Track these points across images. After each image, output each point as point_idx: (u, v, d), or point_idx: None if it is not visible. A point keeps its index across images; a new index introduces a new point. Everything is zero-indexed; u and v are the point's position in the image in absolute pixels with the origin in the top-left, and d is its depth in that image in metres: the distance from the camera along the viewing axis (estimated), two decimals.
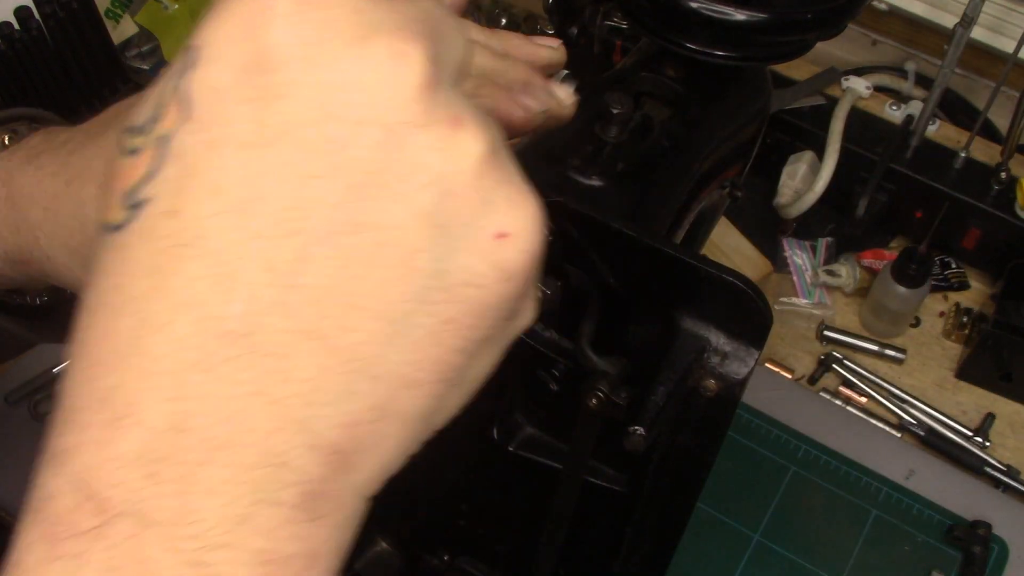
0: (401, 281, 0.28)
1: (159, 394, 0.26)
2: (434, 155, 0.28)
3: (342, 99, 0.27)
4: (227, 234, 0.27)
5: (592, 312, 0.55)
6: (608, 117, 0.58)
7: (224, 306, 0.27)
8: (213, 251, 0.27)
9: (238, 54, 0.27)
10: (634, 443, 0.48)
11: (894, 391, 0.98)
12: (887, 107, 1.05)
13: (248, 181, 0.27)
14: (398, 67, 0.27)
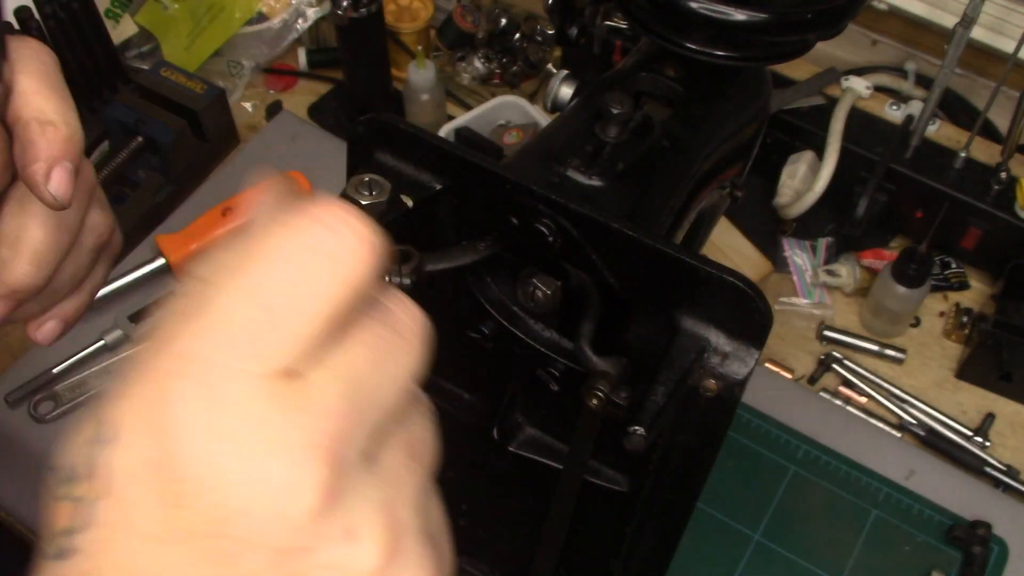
0: None
1: None
2: (325, 572, 0.30)
3: (238, 524, 0.29)
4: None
5: (592, 312, 0.55)
6: (608, 117, 0.58)
7: None
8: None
9: (147, 446, 0.29)
10: (634, 443, 0.48)
11: (894, 391, 0.98)
12: (887, 107, 1.05)
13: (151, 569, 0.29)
14: (291, 493, 0.29)
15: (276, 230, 0.30)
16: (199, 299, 0.30)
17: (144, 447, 0.29)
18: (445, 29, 1.16)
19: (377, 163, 0.55)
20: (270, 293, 0.30)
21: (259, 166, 1.10)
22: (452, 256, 0.54)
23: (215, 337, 0.29)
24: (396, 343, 0.32)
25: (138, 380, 0.30)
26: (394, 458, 0.33)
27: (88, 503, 0.30)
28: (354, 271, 0.30)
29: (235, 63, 1.20)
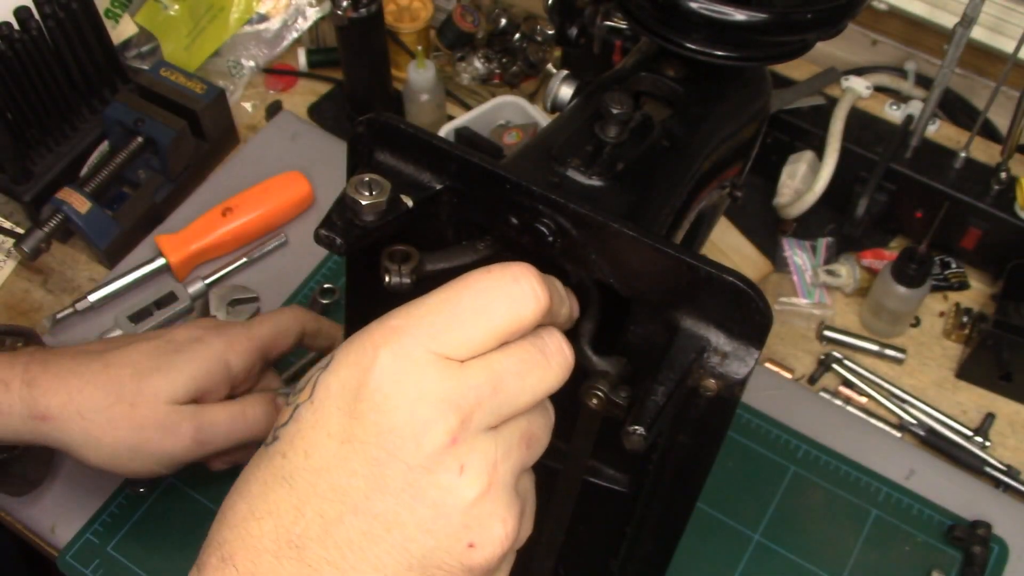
0: (398, 554, 0.44)
1: (246, 554, 0.44)
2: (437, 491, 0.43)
3: (390, 437, 0.43)
4: (304, 483, 0.44)
5: (592, 312, 0.55)
6: (608, 117, 0.58)
7: (292, 525, 0.44)
8: (295, 489, 0.44)
9: (348, 375, 0.44)
10: (634, 443, 0.48)
11: (894, 391, 0.98)
12: (887, 107, 1.05)
13: (323, 457, 0.44)
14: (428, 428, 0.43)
15: (484, 271, 0.46)
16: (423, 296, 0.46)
17: (346, 375, 0.44)
18: (445, 29, 1.16)
19: (377, 163, 0.55)
20: (462, 306, 0.45)
21: (259, 166, 1.10)
22: (452, 256, 0.54)
23: (417, 322, 0.44)
24: (540, 363, 0.46)
25: (360, 335, 0.45)
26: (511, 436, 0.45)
27: (296, 407, 0.45)
28: (523, 312, 0.45)
29: (235, 63, 1.20)
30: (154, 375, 0.75)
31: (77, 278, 1.06)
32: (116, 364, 0.76)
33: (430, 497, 0.43)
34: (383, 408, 0.43)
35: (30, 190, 1.05)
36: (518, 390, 0.45)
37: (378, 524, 0.44)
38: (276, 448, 0.45)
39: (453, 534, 0.44)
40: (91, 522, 0.87)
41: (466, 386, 0.44)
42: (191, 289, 1.01)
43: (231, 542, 0.45)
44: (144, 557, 0.85)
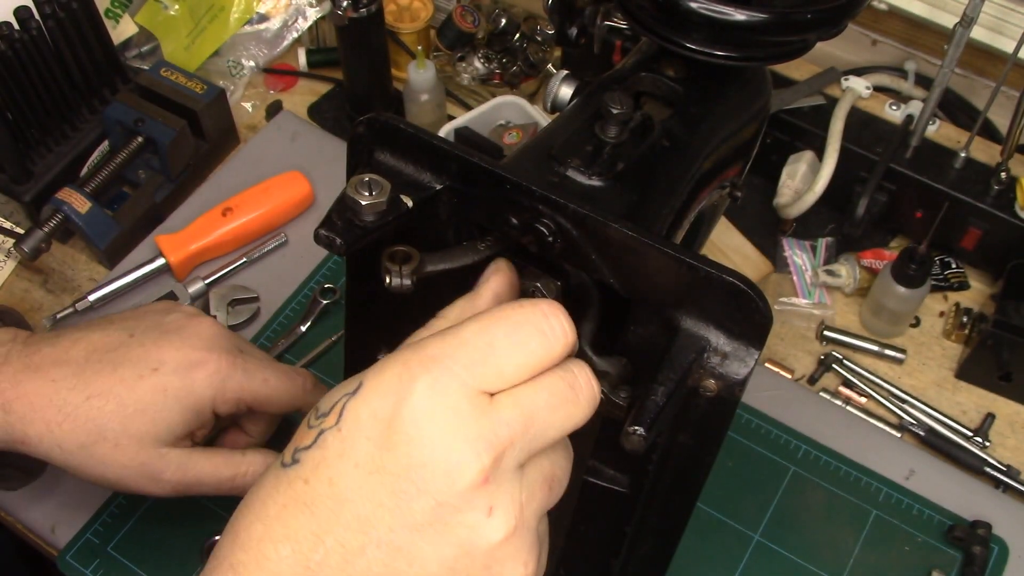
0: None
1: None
2: (464, 531, 0.43)
3: (421, 472, 0.43)
4: (326, 511, 0.43)
5: (592, 312, 0.55)
6: (608, 117, 0.58)
7: (311, 552, 0.43)
8: (316, 516, 0.44)
9: (380, 404, 0.43)
10: (634, 443, 0.48)
11: (894, 391, 0.98)
12: (887, 107, 1.05)
13: (348, 487, 0.43)
14: (461, 465, 0.42)
15: (517, 305, 0.46)
16: (457, 324, 0.46)
17: (379, 405, 0.43)
18: (445, 29, 1.16)
19: (377, 163, 0.55)
20: (497, 339, 0.45)
21: (259, 166, 1.10)
22: (453, 257, 0.54)
23: (454, 352, 0.44)
24: (569, 399, 0.46)
25: (393, 362, 0.44)
26: (536, 478, 0.46)
27: (322, 432, 0.44)
28: (554, 347, 0.45)
29: (235, 63, 1.20)
30: (139, 417, 0.71)
31: (77, 278, 1.06)
32: (98, 396, 0.71)
33: (456, 536, 0.43)
34: (416, 441, 0.43)
35: (30, 190, 1.05)
36: (547, 426, 0.45)
37: (400, 558, 0.43)
38: (297, 472, 0.45)
39: (475, 574, 0.44)
40: (91, 522, 0.87)
41: (500, 423, 0.43)
42: (191, 289, 1.01)
43: (245, 564, 0.44)
44: (144, 557, 0.85)
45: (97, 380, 0.71)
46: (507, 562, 0.44)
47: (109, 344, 0.74)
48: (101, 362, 0.73)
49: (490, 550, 0.44)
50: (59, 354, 0.73)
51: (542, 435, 0.45)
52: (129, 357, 0.73)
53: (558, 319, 0.46)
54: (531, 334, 0.45)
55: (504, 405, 0.44)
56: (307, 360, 0.97)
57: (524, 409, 0.44)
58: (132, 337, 0.75)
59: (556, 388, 0.45)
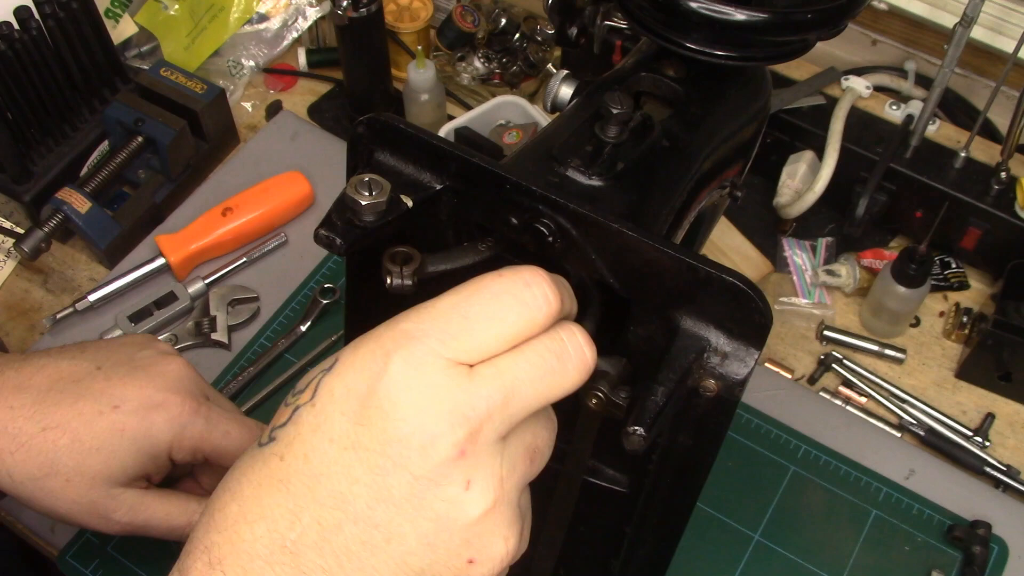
0: (396, 566, 0.43)
1: (236, 559, 0.43)
2: (441, 505, 0.42)
3: (397, 447, 0.42)
4: (302, 487, 0.43)
5: (592, 312, 0.55)
6: (608, 117, 0.58)
7: (288, 531, 0.42)
8: (292, 494, 0.43)
9: (354, 379, 0.43)
10: (634, 443, 0.48)
11: (894, 391, 0.98)
12: (887, 107, 1.05)
13: (323, 462, 0.43)
14: (436, 440, 0.42)
15: (495, 275, 0.45)
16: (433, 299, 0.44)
17: (353, 379, 0.43)
18: (445, 29, 1.16)
19: (377, 163, 0.55)
20: (473, 310, 0.43)
21: (259, 166, 1.10)
22: (454, 257, 0.54)
23: (428, 326, 0.43)
24: (554, 368, 0.44)
25: (368, 338, 0.44)
26: (517, 450, 0.45)
27: (297, 408, 0.44)
28: (535, 316, 0.44)
29: (235, 63, 1.20)
30: (94, 455, 0.69)
31: (77, 278, 1.06)
32: (54, 428, 0.68)
33: (434, 510, 0.42)
34: (392, 416, 0.42)
35: (30, 190, 1.05)
36: (529, 397, 0.44)
37: (378, 534, 0.42)
38: (272, 449, 0.44)
39: (454, 549, 0.43)
40: None
41: (477, 396, 0.42)
42: (191, 289, 1.01)
43: (220, 545, 0.43)
44: (144, 557, 0.85)
45: (56, 412, 0.69)
46: (487, 536, 0.43)
47: (75, 374, 0.72)
48: (63, 392, 0.70)
49: (469, 524, 0.43)
50: (22, 380, 0.71)
51: (523, 406, 0.44)
52: (92, 390, 0.71)
53: (540, 287, 0.44)
54: (510, 304, 0.44)
55: (483, 377, 0.43)
56: (307, 360, 0.97)
57: (504, 380, 0.43)
58: (99, 370, 0.72)
59: (540, 358, 0.44)
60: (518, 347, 0.44)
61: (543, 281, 0.45)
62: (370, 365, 0.43)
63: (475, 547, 0.43)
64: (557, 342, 0.45)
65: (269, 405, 0.95)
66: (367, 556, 0.43)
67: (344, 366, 0.44)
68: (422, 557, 0.43)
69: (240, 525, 0.43)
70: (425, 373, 0.42)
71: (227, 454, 0.74)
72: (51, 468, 0.68)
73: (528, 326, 0.44)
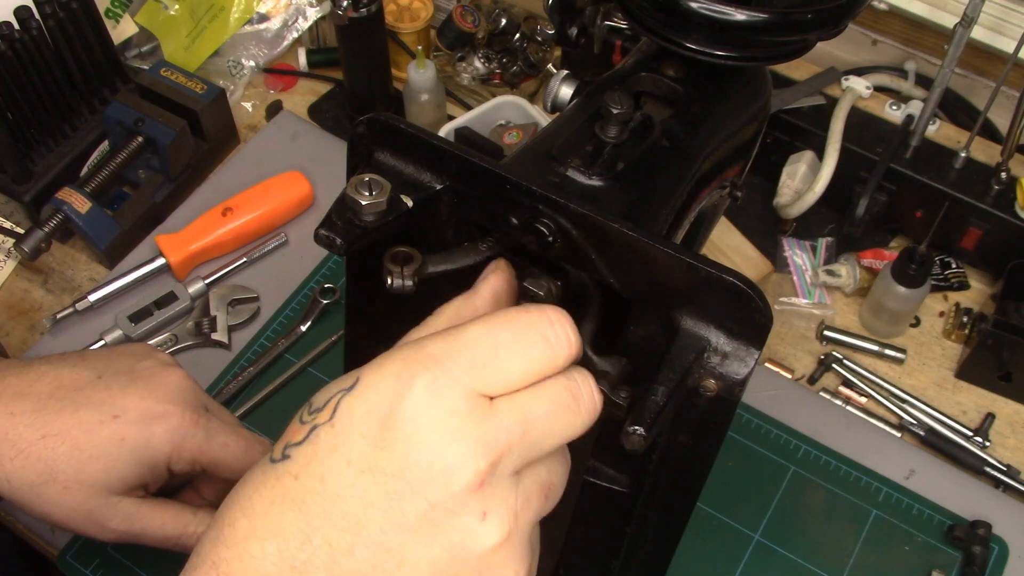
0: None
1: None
2: (456, 534, 0.42)
3: (416, 472, 0.42)
4: (316, 508, 0.42)
5: (592, 312, 0.55)
6: (608, 117, 0.58)
7: (298, 551, 0.42)
8: (304, 514, 0.42)
9: (377, 401, 0.42)
10: (634, 443, 0.48)
11: (894, 391, 0.98)
12: (887, 107, 1.05)
13: (339, 485, 0.42)
14: (457, 468, 0.41)
15: (522, 309, 0.45)
16: (460, 324, 0.45)
17: (375, 401, 0.42)
18: (445, 29, 1.16)
19: (377, 163, 0.55)
20: (501, 343, 0.44)
21: (259, 166, 1.10)
22: (454, 258, 0.54)
23: (456, 353, 0.43)
24: (570, 408, 0.45)
25: (392, 359, 0.43)
26: (532, 485, 0.45)
27: (314, 428, 0.43)
28: (557, 355, 0.45)
29: (235, 63, 1.20)
30: (93, 464, 0.69)
31: (77, 278, 1.06)
32: (54, 435, 0.69)
33: (449, 539, 0.42)
34: (412, 441, 0.42)
35: (30, 190, 1.05)
36: (546, 434, 0.44)
37: (390, 559, 0.42)
38: (287, 468, 0.43)
39: None
40: None
41: (498, 428, 0.42)
42: (191, 289, 1.01)
43: (229, 561, 0.43)
44: (144, 557, 0.85)
45: (56, 420, 0.70)
46: (499, 568, 0.43)
47: (76, 383, 0.72)
48: (63, 400, 0.71)
49: (482, 555, 0.43)
50: (23, 386, 0.71)
51: (540, 443, 0.44)
52: (92, 399, 0.71)
53: (563, 326, 0.45)
54: (535, 340, 0.44)
55: (504, 410, 0.43)
56: (307, 360, 0.97)
57: (524, 415, 0.43)
58: (100, 379, 0.73)
59: (557, 396, 0.45)
60: (538, 384, 0.44)
61: (566, 321, 0.45)
62: (394, 387, 0.42)
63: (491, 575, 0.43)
64: (572, 382, 0.45)
65: (269, 405, 0.95)
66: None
67: (366, 387, 0.43)
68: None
69: (250, 542, 0.43)
70: (448, 400, 0.42)
71: (225, 466, 0.74)
72: (50, 475, 0.69)
73: (551, 363, 0.45)
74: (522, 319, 0.45)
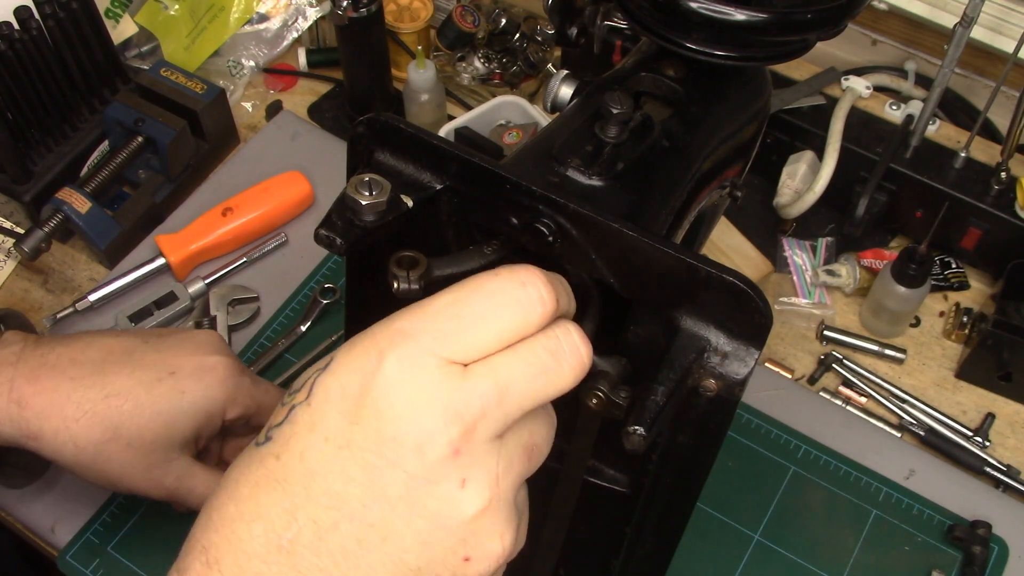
0: (392, 565, 0.43)
1: (233, 558, 0.43)
2: (436, 503, 0.42)
3: (391, 446, 0.42)
4: (298, 486, 0.43)
5: (592, 312, 0.55)
6: (608, 117, 0.58)
7: (284, 530, 0.43)
8: (288, 493, 0.43)
9: (350, 379, 0.43)
10: (634, 443, 0.48)
11: (894, 391, 0.98)
12: (887, 107, 1.05)
13: (319, 461, 0.43)
14: (430, 438, 0.42)
15: (491, 274, 0.45)
16: (428, 298, 0.45)
17: (348, 379, 0.43)
18: (445, 29, 1.16)
19: (377, 163, 0.55)
20: (468, 310, 0.44)
21: (259, 166, 1.10)
22: (460, 261, 0.54)
23: (423, 325, 0.43)
24: (550, 367, 0.44)
25: (363, 337, 0.44)
26: (514, 447, 0.45)
27: (292, 408, 0.44)
28: (530, 315, 0.44)
29: (235, 63, 1.20)
30: (156, 419, 0.73)
31: (77, 278, 1.06)
32: (116, 395, 0.72)
33: (429, 509, 0.42)
34: (386, 415, 0.42)
35: (30, 190, 1.05)
36: (524, 395, 0.44)
37: (373, 533, 0.43)
38: (269, 449, 0.44)
39: (450, 547, 0.43)
40: (91, 522, 0.87)
41: (472, 395, 0.43)
42: (191, 289, 1.01)
43: (218, 545, 0.44)
44: (144, 557, 0.86)
45: (116, 380, 0.73)
46: (483, 534, 0.43)
47: (125, 347, 0.75)
48: (118, 363, 0.74)
49: (465, 522, 0.43)
50: (75, 354, 0.74)
51: (519, 404, 0.44)
52: (146, 360, 0.74)
53: (536, 286, 0.44)
54: (505, 303, 0.44)
55: (477, 375, 0.43)
56: (307, 360, 0.97)
57: (498, 379, 0.43)
58: (146, 343, 0.76)
59: (535, 356, 0.44)
60: (513, 346, 0.44)
61: (538, 280, 0.45)
62: (364, 364, 0.43)
63: (471, 545, 0.43)
64: (553, 340, 0.45)
65: None
66: (363, 555, 0.43)
67: (339, 365, 0.44)
68: (418, 555, 0.43)
69: (237, 524, 0.43)
70: (419, 372, 0.42)
71: (268, 410, 0.77)
72: (114, 433, 0.72)
73: (523, 325, 0.44)
74: (491, 284, 0.45)
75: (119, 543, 0.86)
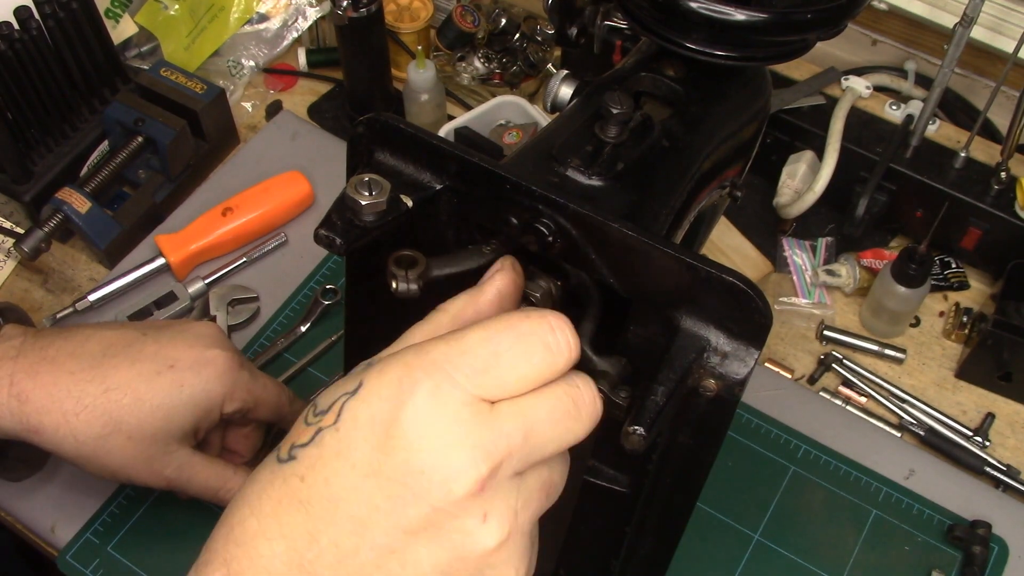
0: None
1: (255, 574, 0.43)
2: (458, 536, 0.43)
3: (418, 478, 0.43)
4: (321, 510, 0.43)
5: (592, 312, 0.55)
6: (608, 117, 0.58)
7: (305, 551, 0.43)
8: (311, 515, 0.43)
9: (380, 406, 0.43)
10: (634, 443, 0.48)
11: (894, 391, 0.98)
12: (887, 107, 1.05)
13: (344, 488, 0.43)
14: (458, 474, 0.42)
15: (523, 315, 0.46)
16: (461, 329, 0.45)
17: (379, 407, 0.43)
18: (445, 29, 1.16)
19: (377, 163, 0.55)
20: (502, 349, 0.44)
21: (259, 166, 1.10)
22: (458, 260, 0.54)
23: (457, 359, 0.44)
24: (571, 413, 0.46)
25: (395, 363, 0.44)
26: (533, 485, 0.46)
27: (320, 430, 0.44)
28: (557, 361, 0.45)
29: (235, 63, 1.20)
30: (156, 413, 0.74)
31: (77, 278, 1.06)
32: (115, 389, 0.73)
33: (451, 541, 0.43)
34: (415, 447, 0.43)
35: (30, 190, 1.05)
36: (547, 440, 0.45)
37: (394, 560, 0.43)
38: (293, 469, 0.45)
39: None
40: (91, 522, 0.87)
41: (499, 434, 0.43)
42: (191, 289, 1.01)
43: (239, 559, 0.44)
44: (144, 557, 0.86)
45: (115, 374, 0.73)
46: (500, 567, 0.45)
47: (124, 340, 0.76)
48: (117, 356, 0.75)
49: (483, 555, 0.44)
50: (74, 348, 0.75)
51: (542, 447, 0.45)
52: (145, 353, 0.75)
53: (563, 333, 0.46)
54: (536, 346, 0.45)
55: (505, 415, 0.44)
56: (307, 360, 0.97)
57: (525, 420, 0.44)
58: (145, 336, 0.77)
59: (558, 402, 0.45)
60: (539, 389, 0.45)
61: (566, 327, 0.46)
62: (396, 393, 0.43)
63: None
64: (574, 388, 0.46)
65: None
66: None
67: (369, 392, 0.44)
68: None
69: (259, 541, 0.44)
70: (450, 406, 0.43)
71: (265, 404, 0.80)
72: (115, 427, 0.73)
73: (551, 369, 0.45)
74: (523, 325, 0.45)
75: (119, 543, 0.86)
